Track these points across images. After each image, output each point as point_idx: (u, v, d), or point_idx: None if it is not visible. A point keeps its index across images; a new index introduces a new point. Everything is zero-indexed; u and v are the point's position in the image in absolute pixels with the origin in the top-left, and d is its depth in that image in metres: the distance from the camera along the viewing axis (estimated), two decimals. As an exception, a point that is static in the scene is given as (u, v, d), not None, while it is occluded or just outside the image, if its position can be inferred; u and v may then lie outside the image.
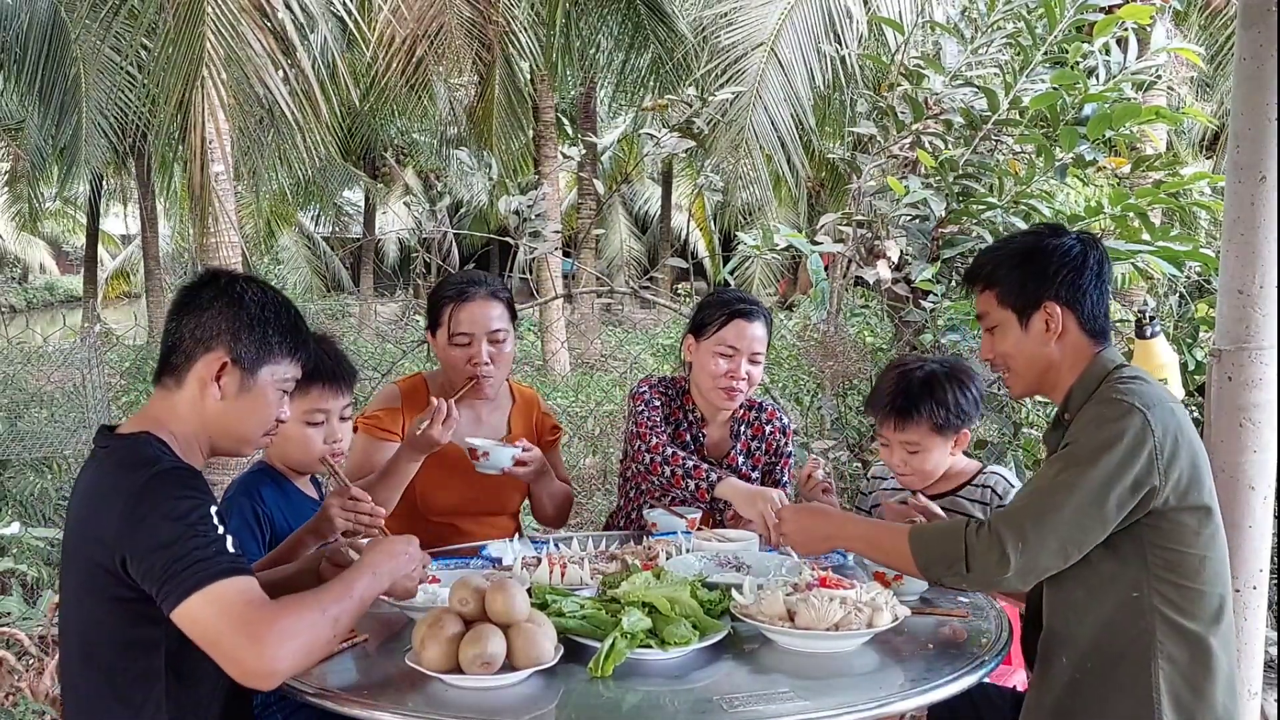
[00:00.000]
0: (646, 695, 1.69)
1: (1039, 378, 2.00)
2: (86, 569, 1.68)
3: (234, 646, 1.53)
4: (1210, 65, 8.77)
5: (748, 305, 2.80)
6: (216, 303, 1.77)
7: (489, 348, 2.68)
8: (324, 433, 2.36)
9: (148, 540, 1.58)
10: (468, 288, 2.70)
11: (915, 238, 3.91)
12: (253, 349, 1.77)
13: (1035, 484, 1.87)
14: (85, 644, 1.73)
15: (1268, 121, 2.23)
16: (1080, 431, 1.84)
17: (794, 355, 5.64)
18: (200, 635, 1.56)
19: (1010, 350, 2.00)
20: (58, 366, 7.64)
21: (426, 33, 9.01)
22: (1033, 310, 1.96)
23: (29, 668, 3.26)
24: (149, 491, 1.61)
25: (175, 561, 1.55)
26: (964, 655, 1.85)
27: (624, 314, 16.79)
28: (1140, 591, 1.82)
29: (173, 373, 1.78)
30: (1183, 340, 3.55)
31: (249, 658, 1.52)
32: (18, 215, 17.59)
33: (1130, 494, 1.78)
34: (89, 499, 1.72)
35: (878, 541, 2.00)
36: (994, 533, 1.78)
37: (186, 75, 6.62)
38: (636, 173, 19.92)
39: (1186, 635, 1.81)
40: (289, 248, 21.85)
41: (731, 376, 2.74)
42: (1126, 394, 1.83)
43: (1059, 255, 1.95)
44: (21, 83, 11.69)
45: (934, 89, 3.95)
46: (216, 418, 1.77)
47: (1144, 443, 1.77)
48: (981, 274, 2.04)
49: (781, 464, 2.95)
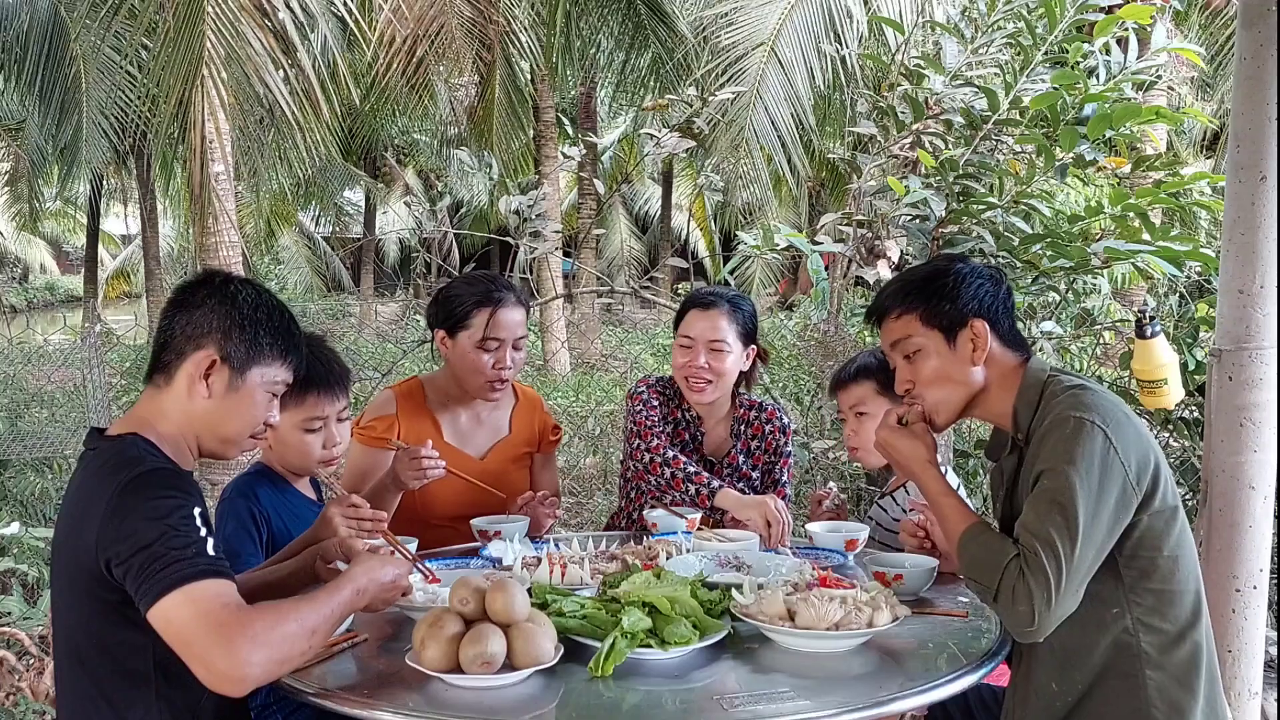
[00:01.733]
0: (647, 695, 1.69)
1: (965, 400, 1.96)
2: (72, 572, 1.68)
3: (205, 649, 1.51)
4: (1210, 65, 8.77)
5: (708, 295, 2.80)
6: (209, 301, 1.77)
7: (512, 353, 2.69)
8: (323, 437, 2.36)
9: (128, 541, 1.57)
10: (501, 293, 2.68)
11: (915, 238, 3.90)
12: (243, 349, 1.77)
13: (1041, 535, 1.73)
14: (73, 646, 1.72)
15: (1268, 121, 2.23)
16: (1047, 461, 1.78)
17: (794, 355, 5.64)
18: (173, 636, 1.54)
19: (935, 373, 1.95)
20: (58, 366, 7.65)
21: (427, 33, 9.01)
22: (960, 328, 1.92)
23: (29, 668, 3.26)
24: (130, 492, 1.60)
25: (153, 561, 1.54)
26: (963, 655, 1.85)
27: (624, 314, 16.80)
28: (1120, 607, 1.81)
29: (163, 370, 1.78)
30: (1183, 340, 3.55)
31: (219, 661, 1.50)
32: (18, 215, 17.58)
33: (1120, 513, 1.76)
34: (75, 502, 1.71)
35: (943, 511, 1.95)
36: (1027, 586, 1.71)
37: (186, 75, 6.63)
38: (637, 173, 19.92)
39: (1171, 639, 1.80)
40: (289, 247, 21.87)
41: (691, 366, 2.74)
42: (1075, 408, 1.79)
43: (973, 276, 1.95)
44: (22, 82, 11.71)
45: (934, 89, 3.95)
46: (203, 416, 1.77)
47: (1113, 460, 1.75)
48: (899, 299, 1.99)
49: (781, 463, 2.94)
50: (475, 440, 2.82)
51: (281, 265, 21.23)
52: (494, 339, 2.65)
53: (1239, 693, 2.29)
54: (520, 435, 2.88)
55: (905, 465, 2.04)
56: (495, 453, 2.83)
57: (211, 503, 2.19)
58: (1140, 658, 1.80)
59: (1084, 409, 1.79)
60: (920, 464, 2.00)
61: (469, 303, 2.67)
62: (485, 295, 2.66)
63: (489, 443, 2.84)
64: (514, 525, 2.54)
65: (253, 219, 16.47)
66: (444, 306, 2.73)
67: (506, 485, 2.78)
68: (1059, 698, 1.85)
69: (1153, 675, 1.79)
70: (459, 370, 2.72)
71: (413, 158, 21.77)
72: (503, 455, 2.83)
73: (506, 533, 2.49)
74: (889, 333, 2.01)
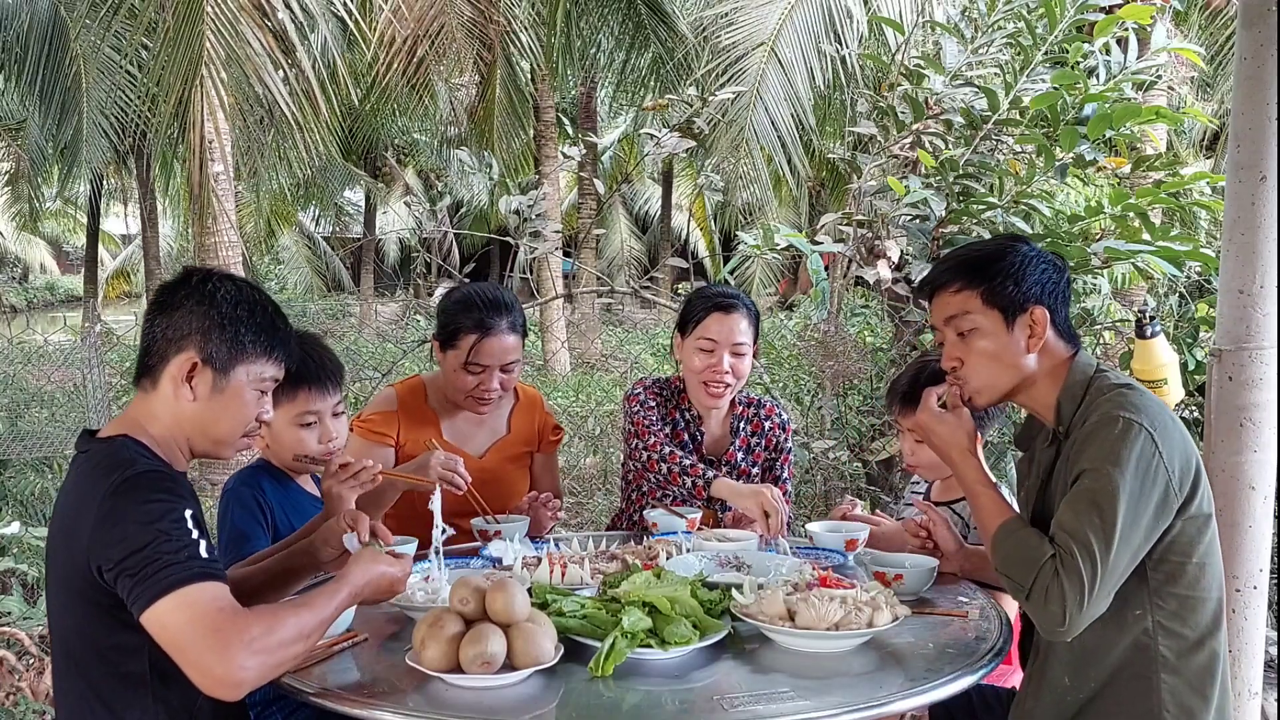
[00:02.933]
0: (647, 695, 1.69)
1: (1012, 386, 1.92)
2: (66, 574, 1.68)
3: (199, 654, 1.50)
4: (1210, 65, 8.77)
5: (727, 298, 2.78)
6: (188, 302, 1.74)
7: (500, 375, 2.67)
8: (318, 433, 2.36)
9: (119, 545, 1.55)
10: (491, 319, 2.63)
11: (915, 238, 3.90)
12: (224, 349, 1.74)
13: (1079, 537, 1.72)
14: (69, 649, 1.72)
15: (1268, 121, 2.23)
16: (1091, 460, 1.76)
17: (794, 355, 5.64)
18: (168, 641, 1.53)
19: (987, 354, 1.90)
20: (58, 366, 7.65)
21: (427, 32, 9.01)
22: (1020, 312, 1.88)
23: (29, 667, 3.26)
24: (121, 494, 1.59)
25: (146, 565, 1.53)
26: (964, 655, 1.85)
27: (624, 314, 16.81)
28: (1142, 609, 1.80)
29: (148, 374, 1.76)
30: (1183, 340, 3.55)
31: (215, 666, 1.50)
32: (18, 215, 17.59)
33: (1159, 518, 1.75)
34: (68, 504, 1.70)
35: (980, 502, 1.93)
36: (1060, 587, 1.71)
37: (186, 75, 6.63)
38: (637, 172, 19.92)
39: (1190, 645, 1.79)
40: (289, 247, 21.88)
41: (714, 370, 2.73)
42: (1123, 408, 1.77)
43: (1038, 260, 1.90)
44: (22, 82, 11.70)
45: (934, 89, 3.95)
46: (191, 419, 1.75)
47: (1157, 465, 1.73)
48: (961, 273, 1.93)
49: (781, 459, 2.94)
50: (474, 440, 2.82)
51: (281, 265, 21.24)
52: (477, 364, 2.64)
53: (1239, 693, 2.29)
54: (519, 435, 2.88)
55: (944, 450, 2.01)
56: (494, 452, 2.83)
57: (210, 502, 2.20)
58: (1157, 661, 1.79)
59: (1132, 410, 1.77)
60: (960, 451, 1.98)
61: (459, 325, 2.64)
62: (476, 322, 2.62)
63: (488, 442, 2.84)
64: (514, 525, 2.54)
65: (253, 219, 16.47)
66: (439, 318, 2.73)
67: (505, 485, 2.79)
68: (1071, 693, 1.85)
69: (1168, 679, 1.78)
70: (447, 382, 2.73)
71: (413, 158, 21.77)
72: (501, 455, 2.83)
73: (507, 532, 2.49)
74: (944, 306, 1.95)
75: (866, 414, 4.38)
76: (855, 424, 4.45)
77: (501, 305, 2.66)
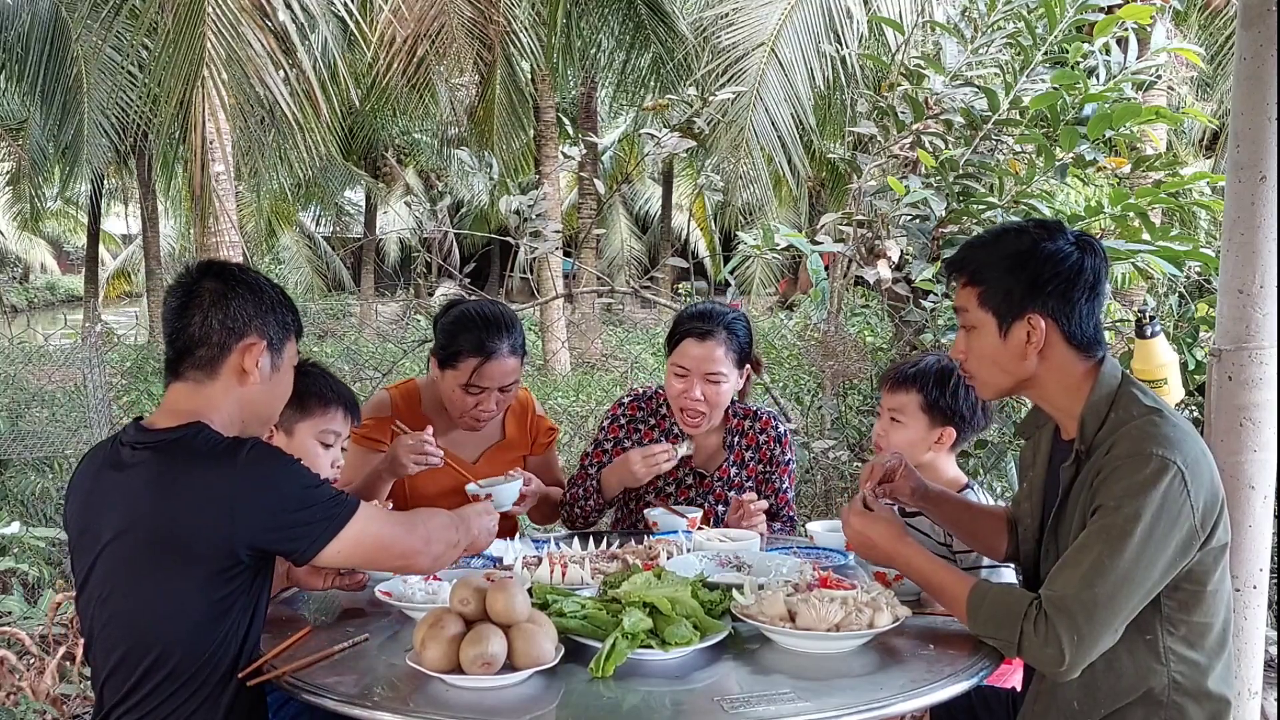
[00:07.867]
0: (647, 695, 1.69)
1: (1011, 385, 1.90)
2: (156, 557, 1.69)
3: (405, 540, 1.81)
4: (1210, 65, 8.78)
5: (702, 325, 2.68)
6: (237, 290, 1.81)
7: (498, 395, 2.66)
8: (331, 456, 2.37)
9: (280, 507, 1.69)
10: (493, 343, 2.60)
11: (915, 237, 3.91)
12: (279, 330, 1.86)
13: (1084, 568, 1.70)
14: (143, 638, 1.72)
15: (1268, 121, 2.22)
16: (1114, 497, 1.70)
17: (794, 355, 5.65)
18: (371, 546, 1.77)
19: (984, 356, 1.87)
20: (59, 366, 7.64)
21: (427, 32, 9.02)
22: (1014, 320, 1.82)
23: (30, 667, 3.26)
24: (258, 464, 1.70)
25: (318, 511, 1.71)
26: (964, 656, 1.84)
27: (624, 314, 16.79)
28: (1154, 634, 1.77)
29: (202, 366, 1.79)
30: (1183, 340, 3.54)
31: (417, 542, 1.82)
32: (19, 215, 17.60)
33: (1179, 558, 1.71)
34: (160, 491, 1.70)
35: (937, 582, 1.90)
36: (1050, 626, 1.68)
37: (187, 75, 6.63)
38: (637, 172, 19.92)
39: (1201, 670, 1.78)
40: (290, 247, 21.88)
41: (686, 397, 2.67)
42: (1157, 443, 1.70)
43: (1052, 263, 1.80)
44: (23, 83, 11.71)
45: (934, 89, 3.95)
46: (252, 401, 1.84)
47: (1183, 506, 1.69)
48: (966, 267, 1.88)
49: (779, 471, 2.86)
50: (468, 445, 2.81)
51: (282, 265, 21.21)
52: (477, 387, 2.62)
53: (1239, 693, 2.29)
54: (513, 439, 2.88)
55: (885, 550, 1.97)
56: (488, 457, 2.82)
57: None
58: (1169, 686, 1.77)
59: (1166, 446, 1.70)
60: (895, 544, 1.95)
61: (459, 347, 2.61)
62: (478, 345, 2.59)
63: (481, 447, 2.83)
64: (507, 487, 2.54)
65: (253, 219, 16.49)
66: (438, 336, 2.69)
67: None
68: (1080, 717, 1.82)
69: (1179, 701, 1.77)
70: (444, 398, 2.71)
71: (413, 158, 21.77)
72: (495, 460, 2.82)
73: (497, 495, 2.49)
74: (955, 295, 1.94)
75: (866, 414, 4.38)
76: (855, 424, 4.45)
77: (503, 326, 2.63)
